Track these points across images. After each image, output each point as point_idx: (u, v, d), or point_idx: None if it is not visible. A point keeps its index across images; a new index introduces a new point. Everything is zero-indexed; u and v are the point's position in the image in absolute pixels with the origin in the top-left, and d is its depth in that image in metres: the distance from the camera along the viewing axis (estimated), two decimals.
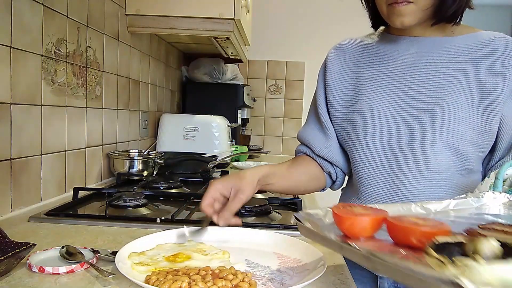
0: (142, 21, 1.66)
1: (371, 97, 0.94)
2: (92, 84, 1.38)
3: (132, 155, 1.58)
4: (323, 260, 0.69)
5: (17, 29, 0.99)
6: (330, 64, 1.03)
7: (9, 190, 0.99)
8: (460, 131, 0.85)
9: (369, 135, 0.94)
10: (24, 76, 1.03)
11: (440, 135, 0.86)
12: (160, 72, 2.13)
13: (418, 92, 0.90)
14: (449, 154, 0.87)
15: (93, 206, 1.13)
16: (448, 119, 0.86)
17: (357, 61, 1.00)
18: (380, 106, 0.93)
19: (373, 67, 0.97)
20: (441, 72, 0.90)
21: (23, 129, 1.03)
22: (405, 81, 0.92)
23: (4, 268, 0.63)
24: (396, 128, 0.90)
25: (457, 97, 0.86)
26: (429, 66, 0.91)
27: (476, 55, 0.88)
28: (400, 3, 0.84)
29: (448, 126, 0.86)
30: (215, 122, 2.03)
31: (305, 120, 1.11)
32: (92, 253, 0.73)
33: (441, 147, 0.86)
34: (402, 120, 0.90)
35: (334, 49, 1.05)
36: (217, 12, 1.63)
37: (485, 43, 0.89)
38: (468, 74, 0.88)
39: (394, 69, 0.94)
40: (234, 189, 0.86)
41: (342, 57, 1.03)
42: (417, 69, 0.92)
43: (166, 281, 0.58)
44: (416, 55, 0.93)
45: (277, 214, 1.09)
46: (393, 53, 0.96)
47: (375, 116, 0.93)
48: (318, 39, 2.89)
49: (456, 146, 0.86)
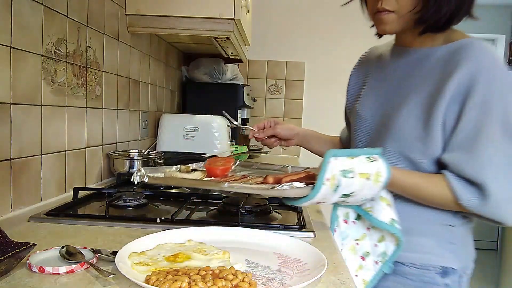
0: (142, 21, 1.66)
1: (362, 104, 1.06)
2: (92, 84, 1.38)
3: (132, 155, 1.58)
4: (323, 260, 0.69)
5: (17, 29, 0.99)
6: (352, 74, 1.18)
7: (9, 190, 0.99)
8: (408, 140, 0.91)
9: (355, 136, 1.07)
10: (24, 76, 1.03)
11: (392, 142, 0.94)
12: (160, 72, 2.13)
13: (389, 101, 0.99)
14: (402, 160, 0.94)
15: (93, 206, 1.13)
16: (399, 128, 0.92)
17: (368, 71, 1.11)
18: (365, 112, 1.04)
19: (375, 76, 1.08)
20: (410, 83, 0.95)
21: (23, 129, 1.03)
22: (386, 90, 1.01)
23: (4, 268, 0.63)
24: (371, 132, 1.02)
25: (410, 108, 0.91)
26: (405, 76, 0.98)
27: (440, 67, 0.91)
28: (382, 12, 0.90)
29: (398, 134, 0.93)
30: (215, 122, 2.03)
31: (304, 120, 1.27)
32: (92, 253, 0.73)
33: (395, 153, 0.94)
34: (376, 125, 1.01)
35: (358, 60, 1.19)
36: (217, 12, 1.63)
37: (451, 53, 0.90)
38: (426, 85, 0.91)
39: (384, 78, 1.03)
40: (276, 123, 1.25)
41: (360, 67, 1.16)
42: (396, 79, 1.00)
43: (166, 281, 0.58)
44: (402, 65, 1.00)
45: (277, 214, 1.09)
46: (388, 63, 1.05)
47: (359, 119, 1.05)
48: (318, 39, 2.89)
49: (406, 153, 0.93)
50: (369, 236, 0.96)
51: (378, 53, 1.11)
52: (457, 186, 0.86)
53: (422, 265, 0.95)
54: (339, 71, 2.69)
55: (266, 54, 2.93)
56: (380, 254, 0.94)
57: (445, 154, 0.89)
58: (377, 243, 0.95)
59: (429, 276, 0.95)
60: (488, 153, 0.84)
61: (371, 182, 0.83)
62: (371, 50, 1.16)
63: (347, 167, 0.80)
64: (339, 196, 0.83)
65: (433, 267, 0.95)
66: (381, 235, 0.94)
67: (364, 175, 0.82)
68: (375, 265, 0.95)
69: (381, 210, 0.89)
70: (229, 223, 0.94)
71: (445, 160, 0.89)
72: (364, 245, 0.97)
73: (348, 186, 0.81)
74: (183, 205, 1.11)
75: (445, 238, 0.96)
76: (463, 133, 0.86)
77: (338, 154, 0.81)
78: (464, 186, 0.86)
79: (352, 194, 0.83)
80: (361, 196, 0.85)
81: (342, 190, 0.81)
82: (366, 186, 0.83)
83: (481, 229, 4.34)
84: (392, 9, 0.89)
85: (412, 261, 0.96)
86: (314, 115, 2.92)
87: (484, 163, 0.84)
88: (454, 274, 0.96)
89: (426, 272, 0.95)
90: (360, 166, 0.81)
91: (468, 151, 0.85)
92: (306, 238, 0.90)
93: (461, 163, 0.86)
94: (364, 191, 0.84)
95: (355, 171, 0.81)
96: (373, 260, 0.96)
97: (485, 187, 0.83)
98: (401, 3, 0.88)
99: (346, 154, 0.82)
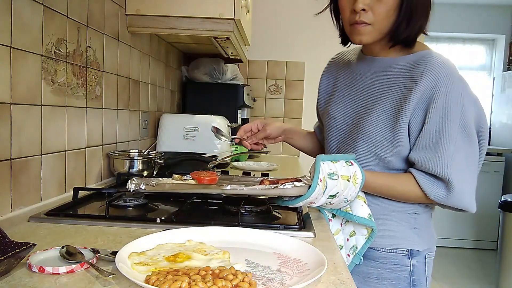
0: (142, 21, 1.66)
1: (334, 106, 1.16)
2: (92, 84, 1.38)
3: (132, 155, 1.58)
4: (323, 260, 0.69)
5: (17, 29, 0.99)
6: (321, 78, 1.28)
7: (9, 190, 0.99)
8: (377, 140, 1.02)
9: (329, 136, 1.17)
10: (24, 76, 1.03)
11: (363, 141, 1.04)
12: (160, 72, 2.13)
13: (358, 104, 1.09)
14: (371, 157, 1.05)
15: (93, 206, 1.13)
16: (369, 129, 1.03)
17: (337, 75, 1.21)
18: (337, 114, 1.14)
19: (344, 81, 1.17)
20: (376, 89, 1.06)
21: (23, 129, 1.03)
22: (355, 94, 1.11)
23: (4, 268, 0.63)
24: (342, 132, 1.12)
25: (378, 112, 1.02)
26: (372, 83, 1.08)
27: (402, 75, 1.02)
28: (360, 24, 0.98)
29: (369, 135, 1.03)
30: (215, 122, 2.03)
31: (304, 120, 1.28)
32: (92, 253, 0.73)
33: (364, 151, 1.05)
34: (347, 126, 1.11)
35: (327, 65, 1.29)
36: (217, 12, 1.63)
37: (412, 64, 1.01)
38: (391, 91, 1.02)
39: (353, 82, 1.13)
40: (263, 125, 1.29)
41: (329, 72, 1.26)
42: (364, 85, 1.10)
43: (166, 281, 0.58)
44: (368, 72, 1.10)
45: (277, 214, 1.09)
46: (356, 69, 1.14)
47: (331, 120, 1.16)
48: (318, 39, 2.89)
49: (375, 151, 1.03)
50: (342, 231, 1.08)
51: (346, 59, 1.22)
52: (425, 182, 0.98)
53: (392, 249, 1.07)
54: None
55: (266, 54, 2.93)
56: (351, 248, 1.07)
57: (412, 153, 1.00)
58: (348, 237, 1.07)
59: (398, 258, 1.07)
60: (450, 152, 0.96)
61: (351, 184, 0.94)
62: (338, 55, 1.26)
63: (332, 170, 0.92)
64: (327, 197, 0.93)
65: (401, 250, 1.07)
66: (352, 230, 1.07)
67: (345, 177, 0.93)
68: (347, 258, 1.07)
69: (359, 207, 1.01)
70: (229, 223, 0.94)
71: (413, 159, 1.00)
72: (338, 239, 1.07)
73: (333, 187, 0.92)
74: (183, 205, 1.11)
75: (410, 224, 1.08)
76: (428, 135, 0.98)
77: (325, 159, 0.93)
78: (431, 181, 0.98)
79: (337, 195, 0.94)
80: (343, 197, 0.95)
81: (329, 192, 0.92)
82: (347, 187, 0.94)
83: (481, 229, 4.37)
84: (369, 22, 0.98)
85: (382, 246, 1.07)
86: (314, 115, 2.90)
87: (447, 160, 0.96)
88: (419, 255, 1.08)
89: (395, 255, 1.07)
90: (342, 169, 0.94)
91: (433, 150, 0.97)
92: (306, 238, 0.90)
93: (428, 161, 0.97)
94: (346, 191, 0.94)
95: (338, 174, 0.93)
96: (345, 253, 1.07)
97: (450, 181, 0.96)
98: (377, 17, 0.97)
99: (330, 158, 0.94)
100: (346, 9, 1.01)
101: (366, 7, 0.96)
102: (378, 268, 1.07)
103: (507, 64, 4.74)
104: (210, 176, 1.16)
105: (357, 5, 0.96)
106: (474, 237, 4.41)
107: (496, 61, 4.90)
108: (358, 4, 0.96)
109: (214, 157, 1.75)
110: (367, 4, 0.96)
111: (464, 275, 3.67)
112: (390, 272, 1.07)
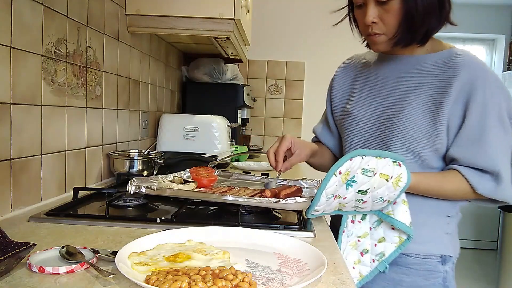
0: (142, 21, 1.66)
1: (355, 106, 1.14)
2: (92, 84, 1.38)
3: (132, 155, 1.58)
4: (323, 260, 0.69)
5: (17, 29, 0.99)
6: (336, 78, 1.25)
7: (9, 190, 0.99)
8: (413, 135, 1.01)
9: (351, 137, 1.14)
10: (24, 76, 1.03)
11: (398, 138, 1.03)
12: (160, 72, 2.13)
13: (387, 102, 1.08)
14: (408, 155, 1.02)
15: (93, 206, 1.13)
16: (404, 125, 1.02)
17: (356, 76, 1.20)
18: (361, 113, 1.12)
19: (364, 81, 1.16)
20: (406, 86, 1.06)
21: (23, 129, 1.03)
22: (381, 92, 1.10)
23: (4, 268, 0.63)
24: (370, 131, 1.09)
25: (413, 107, 1.02)
26: (399, 80, 1.08)
27: (435, 71, 1.03)
28: (373, 35, 1.02)
29: (404, 130, 1.02)
30: (215, 122, 2.03)
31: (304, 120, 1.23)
32: (92, 253, 0.73)
33: (399, 149, 1.03)
34: (375, 125, 1.09)
35: (342, 66, 1.27)
36: (217, 12, 1.63)
37: (444, 60, 1.03)
38: (425, 87, 1.03)
39: (376, 82, 1.13)
40: (298, 149, 1.13)
41: (345, 72, 1.24)
42: (390, 83, 1.10)
43: (166, 281, 0.58)
44: (393, 71, 1.10)
45: (277, 214, 1.09)
46: (379, 69, 1.14)
47: (355, 121, 1.13)
48: (318, 39, 2.89)
49: (411, 148, 1.02)
50: (370, 235, 1.03)
51: (363, 60, 1.22)
52: (473, 177, 0.98)
53: (426, 255, 1.04)
54: None
55: (266, 54, 2.93)
56: (378, 254, 1.02)
57: (453, 149, 1.00)
58: (377, 243, 1.02)
59: (432, 264, 1.04)
60: (495, 145, 0.97)
61: (390, 184, 0.92)
62: (354, 57, 1.26)
63: (370, 166, 0.90)
64: (356, 192, 0.92)
65: (435, 255, 1.04)
66: (382, 236, 1.01)
67: (385, 176, 0.91)
68: (372, 263, 1.03)
69: (403, 213, 0.97)
70: (229, 223, 0.94)
71: (455, 155, 0.99)
72: (365, 242, 1.03)
73: (365, 183, 0.90)
74: (183, 205, 1.11)
75: (443, 229, 1.06)
76: (469, 130, 0.98)
77: (366, 153, 0.92)
78: (479, 176, 0.98)
79: (368, 191, 0.92)
80: (377, 195, 0.93)
81: (359, 186, 0.91)
82: (383, 186, 0.91)
83: (481, 229, 4.37)
84: (381, 32, 1.01)
85: (415, 251, 1.04)
86: (314, 115, 2.89)
87: (493, 153, 0.96)
88: (450, 261, 1.06)
89: (429, 261, 1.04)
90: (385, 168, 0.91)
91: (477, 145, 0.97)
92: (306, 238, 0.90)
93: (473, 156, 0.97)
94: (381, 190, 0.92)
95: (376, 171, 0.90)
96: (370, 258, 1.03)
97: (499, 174, 0.96)
98: (388, 27, 1.00)
99: (375, 154, 0.92)
100: (360, 21, 1.05)
101: (376, 19, 0.99)
102: (411, 275, 1.04)
103: (507, 64, 4.73)
104: (209, 176, 1.17)
105: (366, 19, 1.00)
106: (474, 237, 4.41)
107: (496, 61, 4.89)
108: (368, 18, 0.99)
109: (214, 157, 1.75)
110: (376, 17, 0.99)
111: (464, 275, 3.67)
112: (424, 279, 1.04)
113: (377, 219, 1.02)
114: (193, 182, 1.17)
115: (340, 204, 0.95)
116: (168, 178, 1.20)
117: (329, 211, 0.98)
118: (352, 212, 1.00)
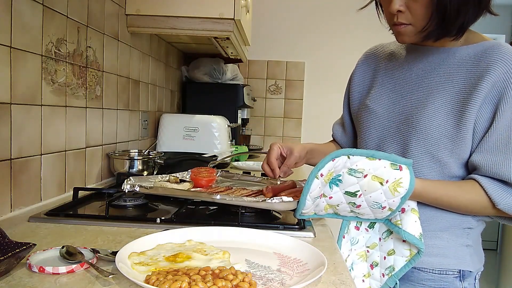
0: (142, 21, 1.66)
1: (374, 100, 1.04)
2: (92, 84, 1.38)
3: (132, 155, 1.58)
4: (323, 260, 0.69)
5: (17, 29, 0.99)
6: (356, 69, 1.16)
7: (9, 190, 0.99)
8: (435, 137, 0.90)
9: (367, 131, 1.05)
10: (24, 76, 1.02)
11: (418, 139, 0.92)
12: (160, 72, 2.13)
13: (409, 98, 0.98)
14: (426, 159, 0.92)
15: (93, 206, 1.13)
16: (425, 125, 0.91)
17: (377, 67, 1.10)
18: (379, 108, 1.03)
19: (387, 73, 1.06)
20: (432, 81, 0.95)
21: (23, 129, 1.03)
22: (403, 87, 1.00)
23: (4, 268, 0.63)
24: (387, 128, 1.00)
25: (437, 106, 0.91)
26: (425, 74, 0.97)
27: (466, 66, 0.91)
28: (399, 25, 0.91)
29: (425, 131, 0.91)
30: (215, 122, 2.03)
31: (304, 120, 1.21)
32: (92, 253, 0.73)
33: (418, 152, 0.92)
34: (393, 122, 0.99)
35: (363, 57, 1.17)
36: (217, 12, 1.63)
37: (477, 54, 0.91)
38: (453, 83, 0.91)
39: (399, 75, 1.02)
40: (289, 150, 1.09)
41: (366, 63, 1.14)
42: (414, 77, 0.99)
43: (166, 281, 0.58)
44: (419, 63, 0.99)
45: (277, 214, 1.09)
46: (403, 61, 1.04)
47: (372, 116, 1.04)
48: (318, 39, 2.89)
49: (431, 151, 0.91)
50: (379, 247, 0.96)
51: (387, 50, 1.11)
52: (494, 190, 0.86)
53: (441, 269, 0.94)
54: (339, 71, 2.70)
55: (266, 54, 2.93)
56: (388, 268, 0.93)
57: (476, 155, 0.88)
58: (386, 255, 0.94)
59: (448, 280, 0.94)
60: None
61: (385, 188, 0.83)
62: (378, 46, 1.15)
63: (358, 167, 0.83)
64: (343, 193, 0.86)
65: (452, 271, 0.94)
66: (392, 249, 0.94)
67: (378, 179, 0.83)
68: (382, 278, 0.95)
69: (412, 223, 0.88)
70: (229, 223, 0.94)
71: (477, 162, 0.88)
72: (374, 254, 0.97)
73: (352, 184, 0.84)
74: (183, 205, 1.11)
75: (462, 241, 0.95)
76: (496, 135, 0.86)
77: (353, 153, 0.83)
78: (501, 188, 0.86)
79: (357, 193, 0.85)
80: (371, 200, 0.86)
81: (346, 187, 0.85)
82: (378, 190, 0.84)
83: None
84: (408, 22, 0.90)
85: (430, 266, 0.95)
86: (314, 115, 2.92)
87: None
88: (470, 276, 0.95)
89: (445, 277, 0.94)
90: (378, 170, 0.83)
91: (503, 153, 0.85)
92: (306, 238, 0.90)
93: (497, 165, 0.85)
94: (375, 194, 0.84)
95: (367, 173, 0.83)
96: (380, 272, 0.95)
97: None
98: (416, 17, 0.88)
99: (366, 154, 0.83)
100: (385, 9, 0.94)
101: (402, 8, 0.88)
102: None
103: None
104: (208, 176, 1.17)
105: (392, 7, 0.89)
106: None
107: None
108: (393, 5, 0.88)
109: (214, 157, 1.75)
110: (402, 5, 0.88)
111: None
112: None
113: (386, 229, 0.95)
114: (189, 182, 1.17)
115: (330, 205, 0.90)
116: (166, 178, 1.20)
117: (321, 213, 0.93)
118: (352, 218, 0.95)
